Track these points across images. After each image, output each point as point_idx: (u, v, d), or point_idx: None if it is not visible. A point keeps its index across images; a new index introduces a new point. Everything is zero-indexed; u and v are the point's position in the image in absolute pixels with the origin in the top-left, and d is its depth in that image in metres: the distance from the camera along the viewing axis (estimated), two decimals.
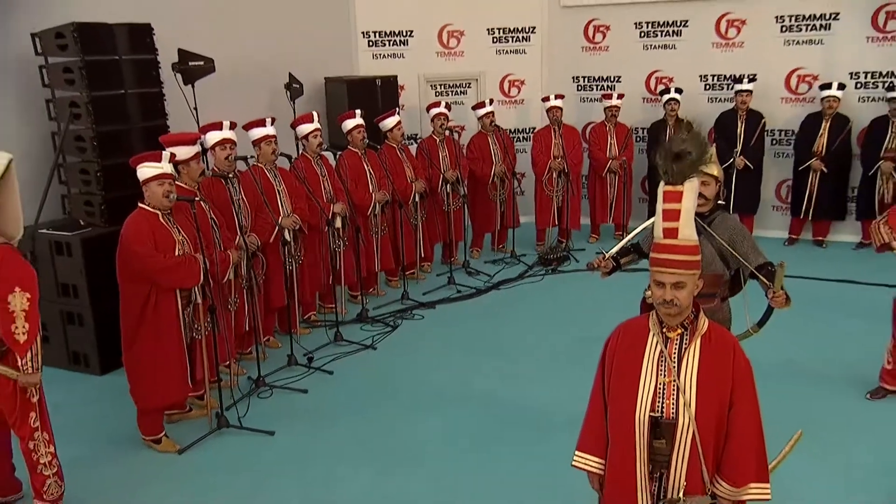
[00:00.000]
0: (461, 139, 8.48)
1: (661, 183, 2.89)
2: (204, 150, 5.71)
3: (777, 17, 8.81)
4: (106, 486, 4.50)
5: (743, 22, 8.97)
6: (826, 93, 8.34)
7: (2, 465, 4.27)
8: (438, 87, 9.99)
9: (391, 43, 9.80)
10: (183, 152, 5.07)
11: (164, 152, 4.86)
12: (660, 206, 2.84)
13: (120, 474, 4.66)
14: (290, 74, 8.20)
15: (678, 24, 9.28)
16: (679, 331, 2.80)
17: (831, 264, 7.99)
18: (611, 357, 2.93)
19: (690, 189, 2.81)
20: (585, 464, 3.02)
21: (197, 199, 4.91)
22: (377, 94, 8.82)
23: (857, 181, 8.59)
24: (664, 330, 2.81)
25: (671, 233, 2.77)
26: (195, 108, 6.74)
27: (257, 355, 5.80)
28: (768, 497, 2.81)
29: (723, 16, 9.05)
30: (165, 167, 4.80)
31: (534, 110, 9.96)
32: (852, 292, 7.22)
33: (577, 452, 3.05)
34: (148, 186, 4.76)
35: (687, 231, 2.77)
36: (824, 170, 8.37)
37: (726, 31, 9.07)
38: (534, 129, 9.69)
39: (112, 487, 4.50)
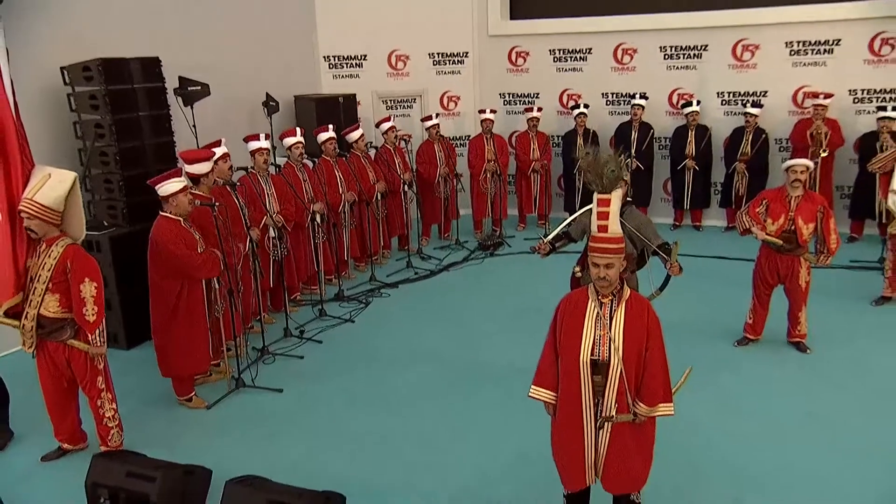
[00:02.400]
0: (409, 146, 8.87)
1: (595, 193, 3.50)
2: None
3: (661, 47, 9.49)
4: (154, 436, 4.82)
5: (635, 51, 9.63)
6: (687, 109, 9.06)
7: (72, 419, 4.59)
8: (389, 102, 10.37)
9: (348, 65, 10.13)
10: (204, 167, 5.40)
11: (184, 168, 5.18)
12: (595, 208, 3.43)
13: (163, 426, 5.01)
14: (266, 94, 8.47)
15: (584, 51, 9.89)
16: (610, 297, 3.37)
17: (706, 244, 8.62)
18: (560, 318, 3.47)
19: (616, 196, 3.42)
20: (539, 395, 3.55)
21: (217, 203, 5.27)
22: (340, 110, 9.15)
23: (720, 178, 9.29)
24: (599, 297, 3.38)
25: (603, 228, 3.37)
26: (194, 126, 7.02)
27: (262, 329, 6.17)
28: (672, 413, 3.44)
29: (619, 45, 9.69)
30: (186, 180, 5.13)
31: (468, 121, 10.43)
32: (722, 266, 7.88)
33: (532, 387, 3.57)
34: (175, 198, 4.98)
35: (614, 227, 3.37)
36: (696, 168, 9.18)
37: (622, 58, 9.73)
38: (469, 136, 10.17)
39: (159, 436, 4.84)
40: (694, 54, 9.42)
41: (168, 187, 5.01)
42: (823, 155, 8.22)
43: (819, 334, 5.86)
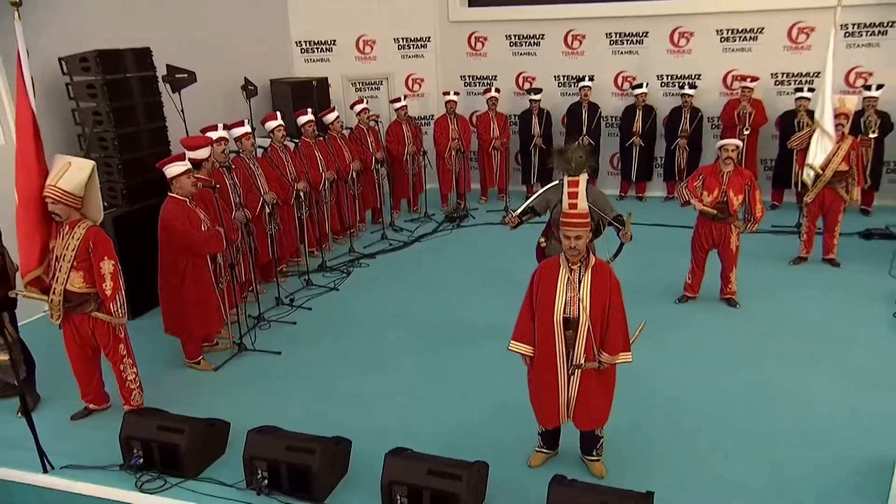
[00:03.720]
0: (379, 125, 8.99)
1: (565, 175, 3.87)
2: None
3: (607, 34, 9.81)
4: (169, 395, 5.06)
5: (583, 37, 9.94)
6: (638, 91, 9.42)
7: (96, 383, 4.83)
8: (357, 84, 10.50)
9: (319, 50, 10.22)
10: (204, 153, 5.56)
11: (186, 153, 5.35)
12: (566, 189, 3.81)
13: (176, 387, 5.26)
14: (245, 78, 8.50)
15: (537, 37, 10.15)
16: (578, 265, 3.78)
17: (649, 213, 8.94)
18: (537, 283, 3.87)
19: (583, 179, 3.81)
20: (518, 349, 3.96)
21: (218, 186, 5.46)
22: (313, 93, 9.29)
23: (661, 153, 9.75)
24: (570, 265, 3.78)
25: (573, 206, 3.77)
26: (182, 111, 7.10)
27: (257, 299, 6.40)
28: (630, 360, 3.88)
29: (569, 31, 9.99)
30: (188, 164, 5.30)
31: (432, 102, 10.63)
32: (663, 232, 8.21)
33: (512, 342, 3.97)
34: (178, 180, 5.13)
35: (582, 204, 3.77)
36: (643, 144, 9.64)
37: (572, 43, 10.04)
38: (433, 116, 10.42)
39: (174, 395, 5.08)
40: (636, 40, 9.79)
41: (171, 170, 5.16)
42: (746, 133, 8.75)
43: (747, 291, 6.37)
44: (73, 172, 4.32)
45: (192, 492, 4.06)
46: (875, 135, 8.19)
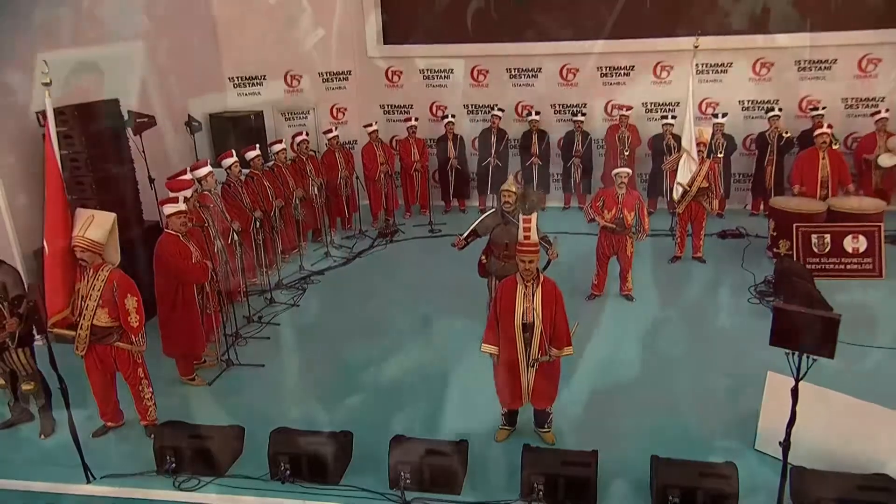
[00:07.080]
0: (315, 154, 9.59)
1: (521, 213, 4.77)
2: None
3: (507, 69, 10.88)
4: (173, 408, 5.41)
5: (487, 71, 10.95)
6: (530, 118, 10.60)
7: (114, 403, 5.24)
8: (287, 115, 10.97)
9: (250, 84, 10.61)
10: (188, 193, 6.02)
11: (179, 194, 5.82)
12: (521, 224, 4.71)
13: (181, 401, 5.67)
14: (189, 115, 8.85)
15: (447, 71, 11.05)
16: (531, 281, 4.70)
17: (551, 222, 9.47)
18: (500, 297, 4.74)
19: (534, 217, 4.72)
20: (488, 349, 4.82)
21: (206, 224, 5.95)
22: (251, 125, 9.75)
23: (558, 170, 10.91)
24: (525, 282, 4.69)
25: (527, 238, 4.67)
26: (143, 151, 7.40)
27: (234, 318, 6.84)
28: (572, 353, 4.85)
29: (474, 67, 10.97)
30: (181, 206, 5.77)
31: (354, 128, 11.24)
32: (569, 240, 8.51)
33: (483, 344, 4.83)
34: (171, 219, 5.66)
35: (534, 237, 4.68)
36: (540, 163, 10.78)
37: (477, 77, 11.04)
38: (355, 141, 11.12)
39: (177, 408, 5.45)
40: (531, 74, 10.92)
41: (166, 209, 5.69)
42: (626, 154, 10.13)
43: (639, 287, 7.56)
44: (97, 224, 4.75)
45: (225, 486, 4.64)
46: (722, 154, 9.79)
